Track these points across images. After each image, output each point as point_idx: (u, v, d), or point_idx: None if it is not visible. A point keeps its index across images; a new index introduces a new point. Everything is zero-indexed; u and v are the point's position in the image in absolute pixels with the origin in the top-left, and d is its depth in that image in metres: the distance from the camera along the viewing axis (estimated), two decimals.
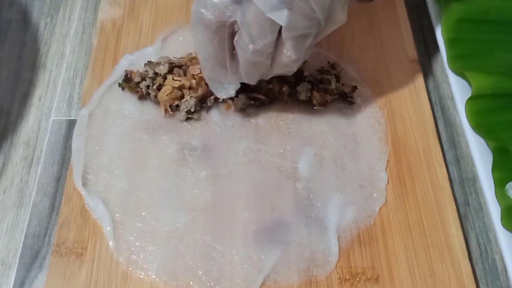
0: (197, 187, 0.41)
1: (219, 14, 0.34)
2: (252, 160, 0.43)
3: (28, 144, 0.44)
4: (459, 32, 0.50)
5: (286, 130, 0.45)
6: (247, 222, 0.40)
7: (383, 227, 0.41)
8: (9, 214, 0.41)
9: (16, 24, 0.52)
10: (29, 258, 0.39)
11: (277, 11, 0.33)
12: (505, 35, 0.50)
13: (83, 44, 0.50)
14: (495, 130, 0.44)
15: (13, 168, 0.43)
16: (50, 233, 0.40)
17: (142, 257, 0.38)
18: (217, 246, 0.39)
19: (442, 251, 0.40)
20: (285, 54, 0.36)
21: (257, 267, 0.38)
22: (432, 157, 0.44)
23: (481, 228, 0.42)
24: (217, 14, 0.34)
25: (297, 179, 0.42)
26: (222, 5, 0.34)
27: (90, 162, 0.42)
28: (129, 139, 0.43)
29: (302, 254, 0.39)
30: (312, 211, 0.41)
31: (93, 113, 0.45)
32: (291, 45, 0.36)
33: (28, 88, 0.47)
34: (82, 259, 0.38)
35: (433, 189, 0.42)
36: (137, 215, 0.40)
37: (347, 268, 0.39)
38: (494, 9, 0.51)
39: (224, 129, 0.44)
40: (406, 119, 0.46)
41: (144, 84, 0.45)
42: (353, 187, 0.42)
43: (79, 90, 0.47)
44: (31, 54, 0.50)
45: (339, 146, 0.44)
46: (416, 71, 0.49)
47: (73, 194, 0.41)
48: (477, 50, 0.49)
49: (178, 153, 0.43)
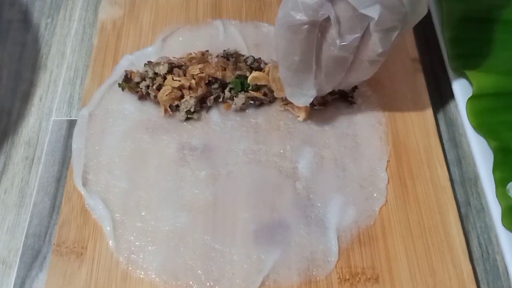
0: (197, 187, 0.41)
1: (313, 14, 0.35)
2: (252, 160, 0.43)
3: (29, 144, 0.44)
4: (460, 31, 0.50)
5: (286, 130, 0.45)
6: (247, 222, 0.40)
7: (383, 227, 0.40)
8: (10, 214, 0.41)
9: (17, 24, 0.52)
10: (30, 258, 0.39)
11: (370, 7, 0.34)
12: (506, 34, 0.50)
13: (83, 44, 0.50)
14: (496, 130, 0.44)
15: (14, 168, 0.43)
16: (50, 232, 0.40)
17: (142, 256, 0.38)
18: (217, 246, 0.39)
19: (443, 251, 0.39)
20: (372, 48, 0.37)
21: (257, 267, 0.38)
22: (433, 157, 0.44)
23: (482, 228, 0.42)
24: (310, 14, 0.35)
25: (297, 179, 0.42)
26: (316, 4, 0.35)
27: (90, 162, 0.42)
28: (129, 139, 0.44)
29: (302, 254, 0.39)
30: (312, 211, 0.41)
31: (94, 113, 0.45)
32: (379, 39, 0.36)
33: (29, 88, 0.48)
34: (82, 259, 0.38)
35: (434, 189, 0.42)
36: (137, 215, 0.40)
37: (347, 268, 0.39)
38: (496, 8, 0.51)
39: (224, 129, 0.44)
40: (407, 118, 0.46)
41: (144, 84, 0.45)
42: (353, 187, 0.42)
43: (79, 90, 0.48)
44: (32, 54, 0.50)
45: (339, 146, 0.44)
46: (417, 70, 0.48)
47: (74, 194, 0.41)
48: (479, 49, 0.49)
49: (178, 153, 0.43)
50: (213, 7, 0.52)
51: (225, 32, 0.50)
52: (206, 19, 0.51)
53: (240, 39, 0.49)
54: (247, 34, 0.50)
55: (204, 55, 0.46)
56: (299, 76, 0.40)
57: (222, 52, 0.47)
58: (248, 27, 0.50)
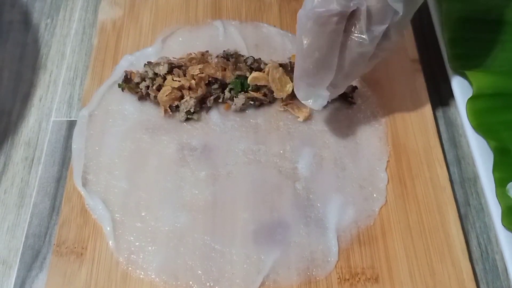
0: (196, 187, 0.41)
1: (346, 4, 0.35)
2: (252, 160, 0.43)
3: (28, 145, 0.45)
4: (459, 32, 0.50)
5: (285, 131, 0.45)
6: (246, 222, 0.40)
7: (383, 227, 0.40)
8: (10, 214, 0.41)
9: (17, 24, 0.52)
10: (30, 258, 0.39)
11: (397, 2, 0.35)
12: (506, 34, 0.50)
13: (83, 45, 0.51)
14: (495, 130, 0.44)
15: (14, 168, 0.43)
16: (50, 233, 0.40)
17: (142, 257, 0.39)
18: (217, 246, 0.39)
19: (443, 251, 0.39)
20: (391, 39, 0.37)
21: (256, 267, 0.38)
22: (432, 157, 0.44)
23: (482, 228, 0.42)
24: (343, 4, 0.35)
25: (297, 179, 0.42)
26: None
27: (90, 162, 0.42)
28: (129, 140, 0.44)
29: (302, 254, 0.39)
30: (311, 211, 0.41)
31: (93, 114, 0.45)
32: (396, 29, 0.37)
33: (29, 89, 0.48)
34: (82, 259, 0.38)
35: (433, 189, 0.42)
36: (137, 215, 0.40)
37: (346, 268, 0.39)
38: (495, 8, 0.51)
39: (224, 129, 0.44)
40: (407, 119, 0.46)
41: (143, 84, 0.45)
42: (353, 187, 0.42)
43: (79, 91, 0.48)
44: (32, 54, 0.50)
45: (339, 146, 0.44)
46: (417, 70, 0.49)
47: (73, 194, 0.41)
48: (478, 49, 0.49)
49: (178, 154, 0.43)
50: (213, 7, 0.52)
51: (225, 32, 0.50)
52: (206, 19, 0.51)
53: (240, 39, 0.49)
54: (247, 34, 0.50)
55: (204, 55, 0.46)
56: (318, 76, 0.38)
57: (222, 53, 0.47)
58: (248, 27, 0.51)
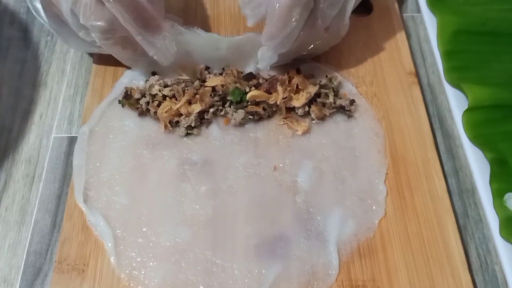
0: (197, 202, 0.42)
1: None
2: (252, 174, 0.43)
3: (29, 162, 0.45)
4: (455, 44, 0.50)
5: (285, 144, 0.45)
6: (247, 236, 0.40)
7: (383, 240, 0.41)
8: (11, 232, 0.41)
9: (17, 41, 0.52)
10: (31, 275, 0.39)
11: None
12: (501, 46, 0.50)
13: (83, 62, 0.51)
14: (492, 141, 0.44)
15: (14, 185, 0.44)
16: (51, 250, 0.40)
17: (144, 272, 0.39)
18: (218, 260, 0.39)
19: (442, 263, 0.40)
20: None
21: (258, 281, 0.38)
22: (430, 169, 0.44)
23: (481, 239, 0.42)
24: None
25: (297, 192, 0.42)
26: None
27: (91, 178, 0.43)
28: (130, 155, 0.44)
29: (303, 267, 0.39)
30: (312, 224, 0.41)
31: (94, 130, 0.45)
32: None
33: (29, 106, 0.48)
34: (84, 276, 0.38)
35: (432, 200, 0.43)
36: (138, 231, 0.40)
37: (347, 281, 0.39)
38: (490, 21, 0.52)
39: (224, 143, 0.45)
40: (404, 131, 0.46)
41: (144, 100, 0.45)
42: (352, 200, 0.42)
43: (79, 107, 0.48)
44: (32, 71, 0.50)
45: (338, 159, 0.44)
46: (413, 83, 0.49)
47: (75, 211, 0.41)
48: (474, 61, 0.49)
49: (178, 169, 0.43)
50: (212, 22, 0.53)
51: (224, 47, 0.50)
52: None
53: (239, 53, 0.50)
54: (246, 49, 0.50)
55: (202, 72, 0.47)
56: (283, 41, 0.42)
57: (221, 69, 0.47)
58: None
